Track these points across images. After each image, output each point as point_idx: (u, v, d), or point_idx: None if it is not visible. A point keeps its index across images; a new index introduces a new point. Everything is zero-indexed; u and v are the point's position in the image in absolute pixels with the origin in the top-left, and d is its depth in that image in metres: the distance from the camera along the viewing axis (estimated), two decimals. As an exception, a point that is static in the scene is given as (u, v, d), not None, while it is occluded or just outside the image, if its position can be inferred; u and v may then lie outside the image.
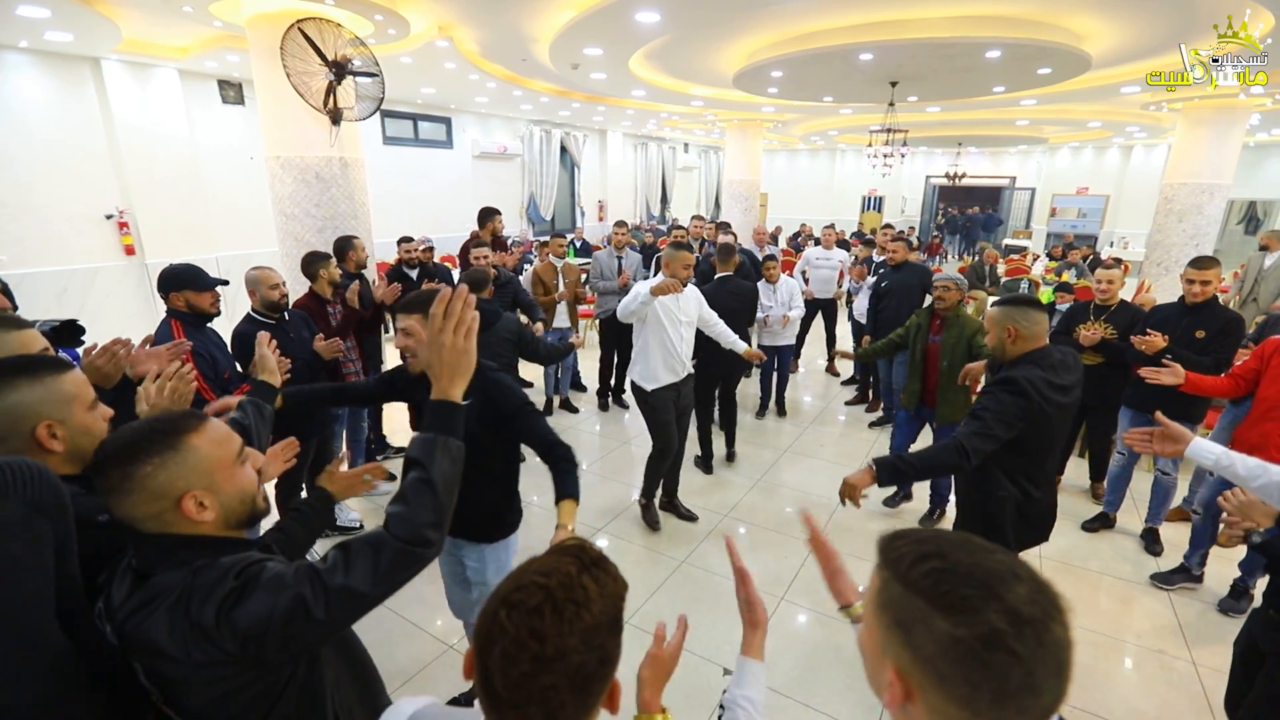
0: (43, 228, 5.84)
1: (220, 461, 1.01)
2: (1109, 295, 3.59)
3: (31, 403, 1.10)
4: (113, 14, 4.67)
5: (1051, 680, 0.55)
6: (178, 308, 2.57)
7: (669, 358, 3.41)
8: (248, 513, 1.05)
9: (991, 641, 0.54)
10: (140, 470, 0.93)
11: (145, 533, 0.96)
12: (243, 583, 0.92)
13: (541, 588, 0.68)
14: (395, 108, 9.01)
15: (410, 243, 4.92)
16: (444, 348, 1.06)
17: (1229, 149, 7.48)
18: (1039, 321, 2.05)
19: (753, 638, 1.09)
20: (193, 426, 1.00)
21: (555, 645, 0.65)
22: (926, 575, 0.58)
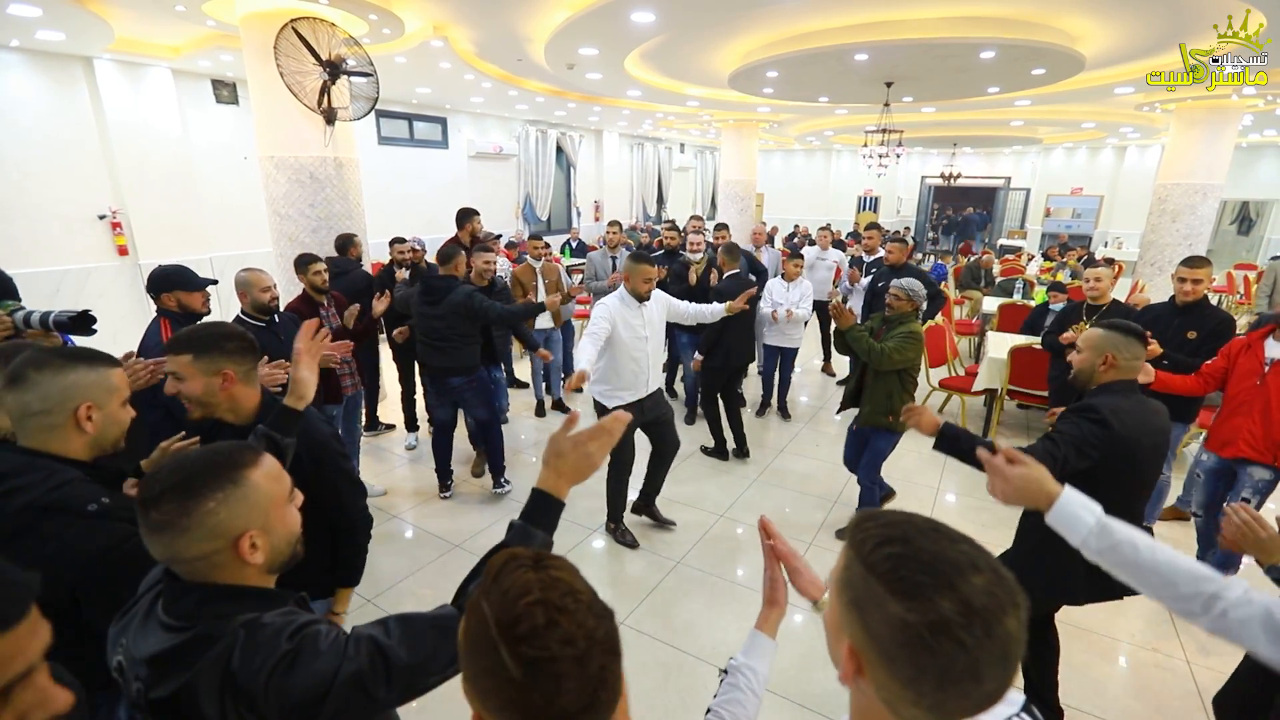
0: (35, 228, 5.80)
1: (276, 499, 0.96)
2: (1099, 294, 3.61)
3: (84, 385, 1.26)
4: (105, 13, 4.64)
5: (996, 670, 0.56)
6: (169, 308, 2.57)
7: (634, 375, 3.27)
8: (290, 555, 0.99)
9: (940, 629, 0.55)
10: (202, 507, 0.87)
11: (183, 580, 0.90)
12: (297, 646, 0.87)
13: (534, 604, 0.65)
14: (390, 107, 8.98)
15: (402, 243, 4.87)
16: (581, 454, 1.07)
17: (1222, 149, 7.53)
18: (1139, 356, 1.92)
19: (769, 614, 1.08)
20: (251, 460, 0.95)
21: (585, 634, 0.64)
22: (886, 559, 0.59)
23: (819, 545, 3.50)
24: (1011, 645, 0.56)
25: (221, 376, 1.55)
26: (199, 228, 6.89)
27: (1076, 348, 1.99)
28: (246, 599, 0.93)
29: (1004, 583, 0.58)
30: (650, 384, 3.36)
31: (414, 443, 4.75)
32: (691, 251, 4.97)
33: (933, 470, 4.36)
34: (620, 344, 3.19)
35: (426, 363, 3.74)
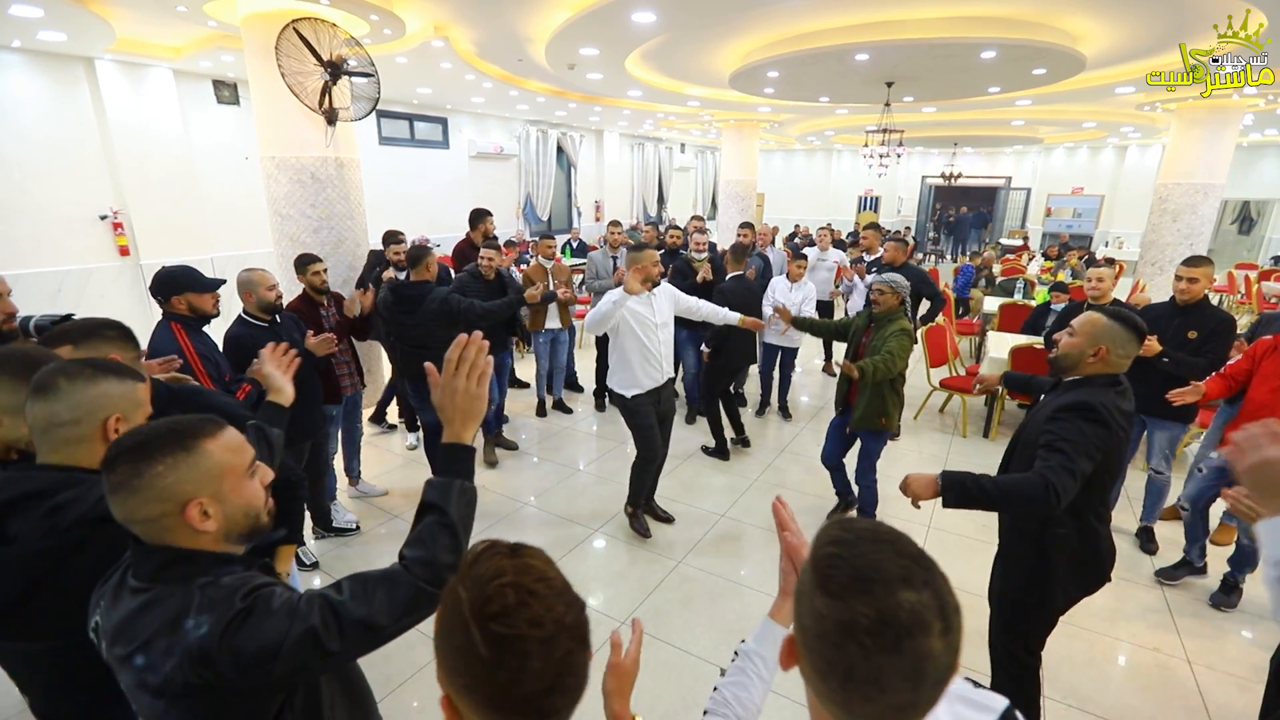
0: (36, 228, 5.81)
1: (231, 470, 0.99)
2: (1101, 294, 3.61)
3: (114, 396, 1.25)
4: (106, 14, 4.65)
5: (903, 684, 0.57)
6: (179, 311, 2.49)
7: (647, 363, 3.31)
8: (249, 527, 1.03)
9: (847, 630, 0.58)
10: (151, 469, 0.92)
11: (145, 543, 0.95)
12: (249, 605, 0.91)
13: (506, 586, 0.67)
14: (391, 108, 8.99)
15: (399, 244, 4.82)
16: (457, 392, 1.09)
17: (1222, 149, 7.52)
18: (1132, 355, 1.83)
19: (783, 604, 1.08)
20: (209, 431, 0.99)
21: (554, 619, 0.66)
22: (825, 557, 0.63)
23: (820, 545, 3.50)
24: (926, 664, 0.57)
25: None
26: (200, 228, 6.89)
27: (1070, 328, 1.88)
28: (204, 562, 0.96)
29: (937, 605, 0.58)
30: (665, 372, 3.40)
31: (414, 443, 4.76)
32: (696, 251, 4.98)
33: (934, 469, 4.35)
34: (631, 334, 3.23)
35: (407, 369, 3.75)
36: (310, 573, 3.29)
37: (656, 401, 3.42)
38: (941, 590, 0.60)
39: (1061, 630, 2.86)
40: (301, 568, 3.29)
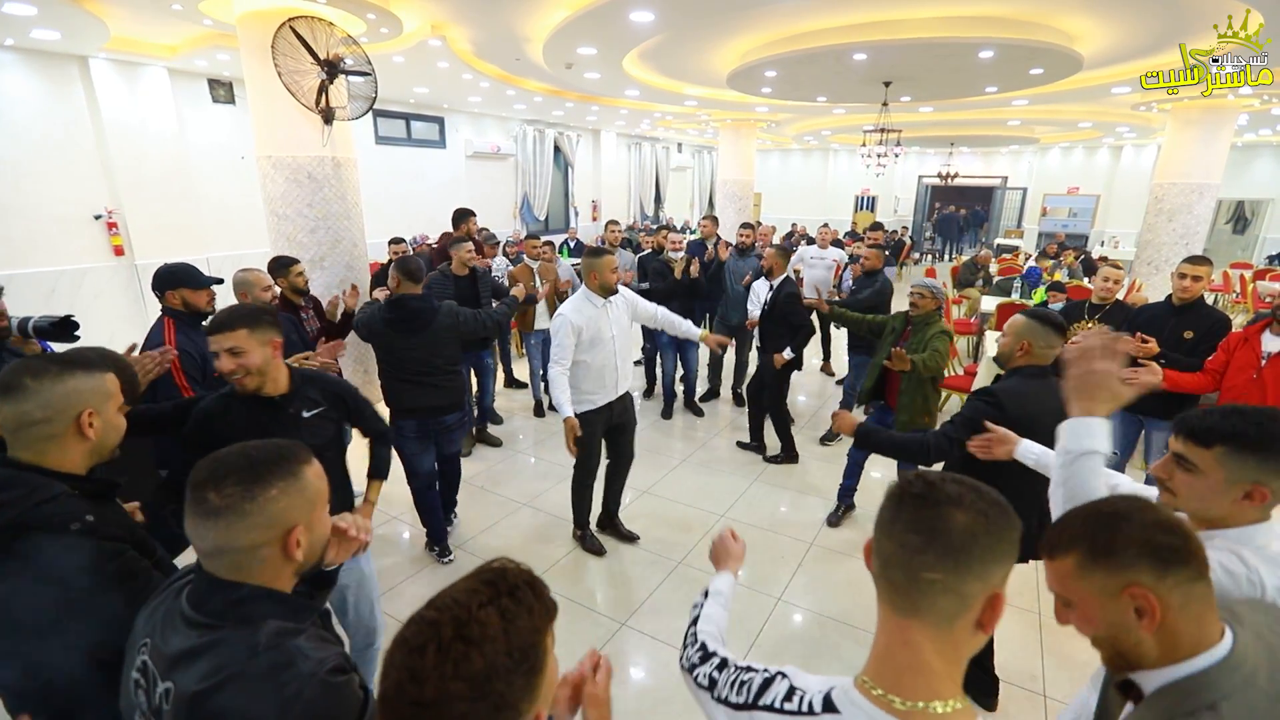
0: (30, 228, 5.77)
1: (322, 497, 0.99)
2: (1110, 294, 3.62)
3: (84, 391, 1.22)
4: (101, 12, 4.62)
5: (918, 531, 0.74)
6: (174, 306, 2.54)
7: (601, 379, 3.07)
8: (319, 557, 1.01)
9: (892, 490, 0.80)
10: (266, 491, 0.88)
11: (214, 577, 0.89)
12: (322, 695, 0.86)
13: (430, 623, 0.63)
14: (388, 107, 8.96)
15: (401, 243, 4.83)
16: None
17: (1218, 149, 7.55)
18: (1054, 346, 2.10)
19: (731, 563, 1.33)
20: (306, 457, 0.97)
21: (435, 689, 0.59)
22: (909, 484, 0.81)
23: (820, 545, 3.50)
24: (942, 523, 0.72)
25: (272, 346, 1.75)
26: (196, 228, 6.86)
27: (1003, 330, 2.20)
28: (275, 603, 0.92)
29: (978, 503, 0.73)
30: (620, 386, 3.18)
31: None
32: (673, 250, 5.05)
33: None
34: (585, 347, 3.00)
35: (412, 405, 3.03)
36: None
37: (608, 417, 3.18)
38: (991, 507, 0.74)
39: (1061, 631, 2.87)
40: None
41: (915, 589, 0.72)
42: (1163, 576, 0.81)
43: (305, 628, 0.93)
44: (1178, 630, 0.82)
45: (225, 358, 1.69)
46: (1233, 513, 1.12)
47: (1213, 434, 1.11)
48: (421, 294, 3.02)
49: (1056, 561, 0.89)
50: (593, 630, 2.80)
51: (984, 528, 0.71)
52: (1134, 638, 0.84)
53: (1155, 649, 0.84)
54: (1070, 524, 0.89)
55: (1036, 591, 3.10)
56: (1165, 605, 0.81)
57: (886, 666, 0.75)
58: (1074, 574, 0.87)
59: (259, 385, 1.75)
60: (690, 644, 1.05)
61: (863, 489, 3.76)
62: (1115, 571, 0.83)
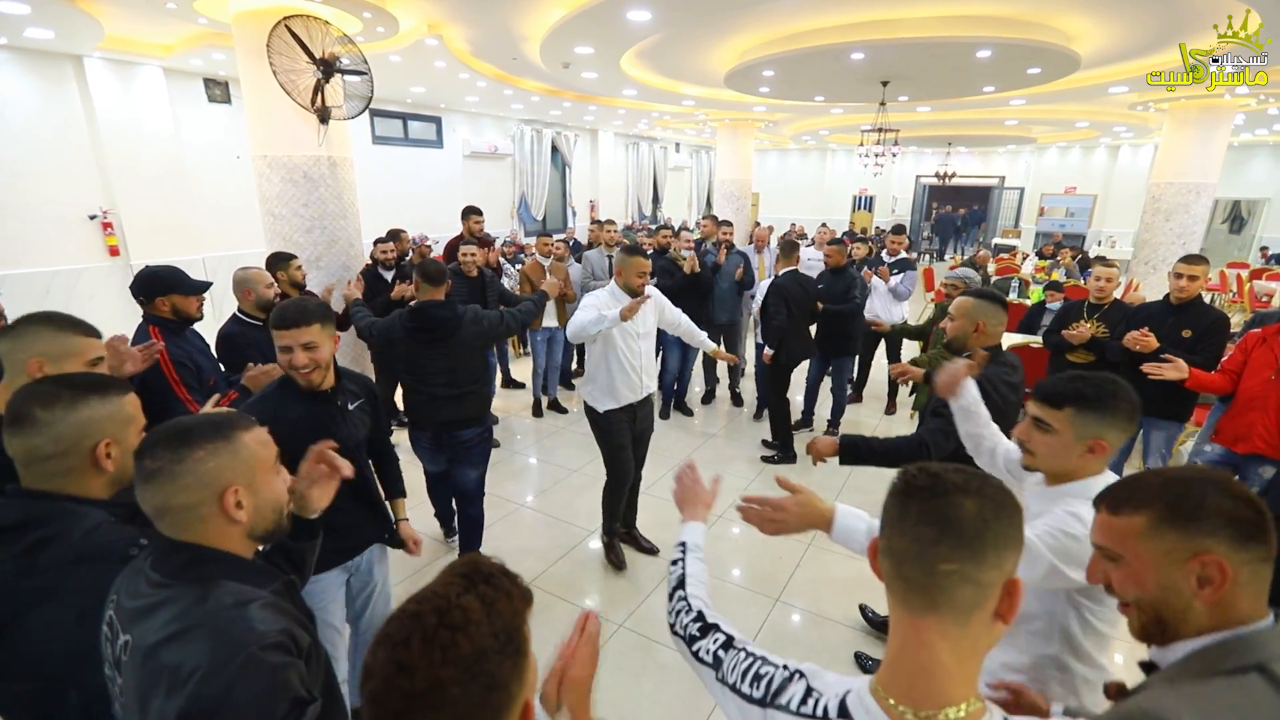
0: (24, 228, 5.74)
1: (263, 463, 1.02)
2: (1106, 293, 3.62)
3: (99, 419, 1.15)
4: (95, 11, 4.59)
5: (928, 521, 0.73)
6: (162, 313, 2.40)
7: (627, 375, 3.03)
8: (274, 524, 1.05)
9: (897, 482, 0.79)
10: (193, 454, 0.93)
11: (171, 539, 0.95)
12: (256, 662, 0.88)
13: (412, 616, 0.62)
14: (384, 107, 8.94)
15: (385, 243, 4.71)
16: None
17: (1215, 149, 7.56)
18: (1003, 322, 2.20)
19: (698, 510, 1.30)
20: (244, 424, 1.02)
21: (426, 678, 0.59)
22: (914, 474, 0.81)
23: (818, 545, 3.49)
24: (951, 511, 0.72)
25: (334, 340, 1.80)
26: (192, 228, 6.83)
27: (949, 314, 2.24)
28: (230, 564, 0.97)
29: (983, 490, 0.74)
30: (645, 387, 3.14)
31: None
32: (685, 248, 5.05)
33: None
34: (612, 344, 2.97)
35: (433, 417, 2.86)
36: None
37: (633, 419, 3.14)
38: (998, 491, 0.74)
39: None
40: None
41: (933, 583, 0.71)
42: (1238, 549, 0.80)
43: (262, 594, 0.96)
44: (1235, 604, 0.82)
45: (300, 352, 1.72)
46: (1079, 466, 1.33)
47: (1063, 397, 1.32)
48: (445, 300, 2.79)
49: (1122, 518, 0.88)
50: (590, 631, 2.79)
51: (994, 513, 0.72)
52: (1184, 602, 0.83)
53: (1205, 618, 0.83)
54: (1147, 483, 0.88)
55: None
56: (1235, 579, 0.80)
57: (900, 672, 0.73)
58: (1141, 533, 0.86)
59: (323, 379, 1.81)
60: (683, 610, 1.02)
61: (854, 488, 3.75)
62: (1191, 537, 0.82)
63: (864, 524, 1.24)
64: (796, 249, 4.58)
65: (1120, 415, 1.29)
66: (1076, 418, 1.30)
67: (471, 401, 2.90)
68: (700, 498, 1.32)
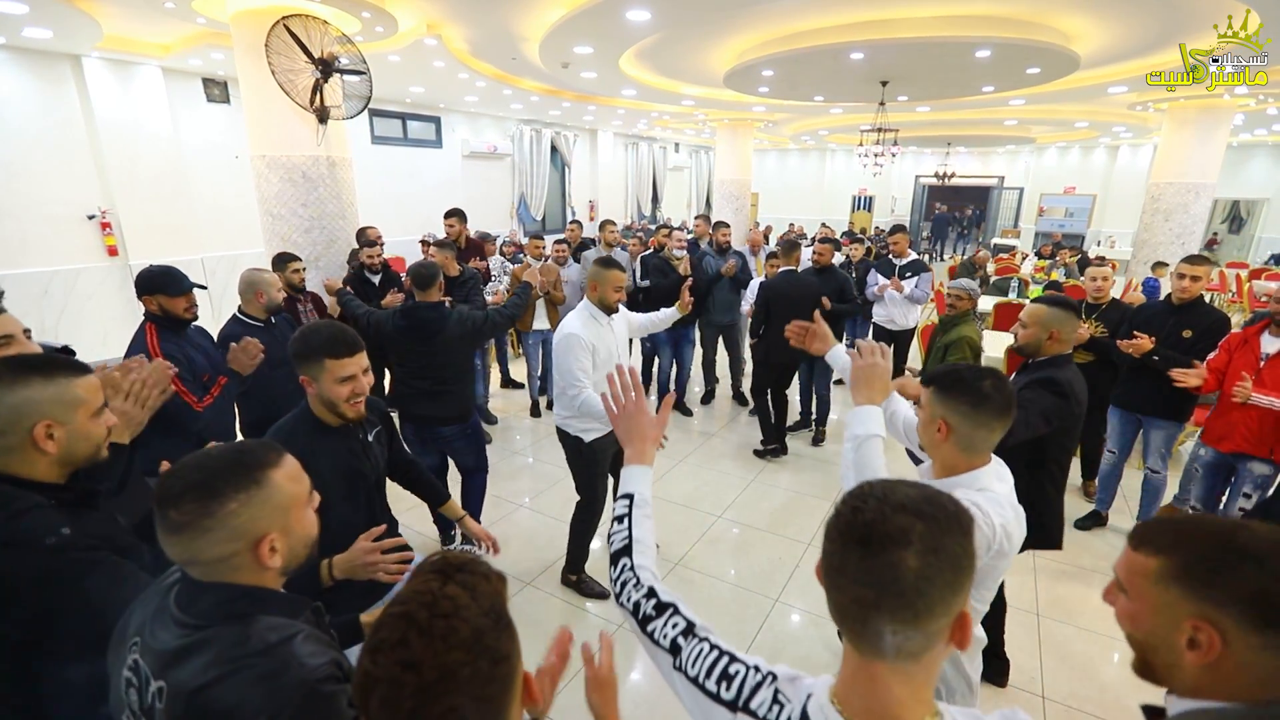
0: (23, 228, 5.73)
1: (297, 501, 0.95)
2: (1101, 294, 3.61)
3: (39, 401, 1.11)
4: (93, 10, 4.59)
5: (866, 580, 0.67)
6: (152, 311, 2.46)
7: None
8: (306, 558, 0.99)
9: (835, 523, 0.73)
10: (224, 508, 0.86)
11: (199, 581, 0.89)
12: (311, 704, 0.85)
13: (401, 617, 0.63)
14: (383, 106, 8.93)
15: (371, 247, 4.57)
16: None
17: (1214, 149, 7.57)
18: (1076, 328, 2.20)
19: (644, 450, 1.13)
20: (274, 460, 0.94)
21: (436, 667, 0.60)
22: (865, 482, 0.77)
23: (818, 545, 3.48)
24: (893, 570, 0.66)
25: None
26: (190, 228, 6.82)
27: (1020, 322, 2.21)
28: (265, 601, 0.91)
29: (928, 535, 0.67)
30: None
31: None
32: (677, 248, 5.03)
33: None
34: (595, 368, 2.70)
35: (413, 411, 3.00)
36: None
37: (615, 443, 2.85)
38: (939, 530, 0.67)
39: (1060, 631, 2.85)
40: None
41: (878, 640, 0.68)
42: (1254, 633, 0.70)
43: (299, 625, 0.92)
44: (1235, 679, 0.72)
45: (363, 378, 1.62)
46: (947, 453, 1.41)
47: (928, 378, 1.47)
48: (435, 302, 2.92)
49: (1139, 555, 0.81)
50: (587, 632, 2.79)
51: (937, 565, 0.65)
52: (1170, 659, 0.76)
53: (1192, 680, 0.75)
54: (1179, 527, 0.80)
55: (1035, 592, 3.09)
56: (1233, 654, 0.71)
57: (854, 695, 0.72)
58: (1149, 575, 0.79)
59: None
60: (630, 582, 0.96)
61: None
62: (1198, 600, 0.74)
63: (878, 430, 1.45)
64: (798, 248, 4.53)
65: (962, 402, 1.36)
66: (933, 396, 1.41)
67: (449, 400, 2.96)
68: (645, 429, 1.13)
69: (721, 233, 5.39)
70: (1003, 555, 1.36)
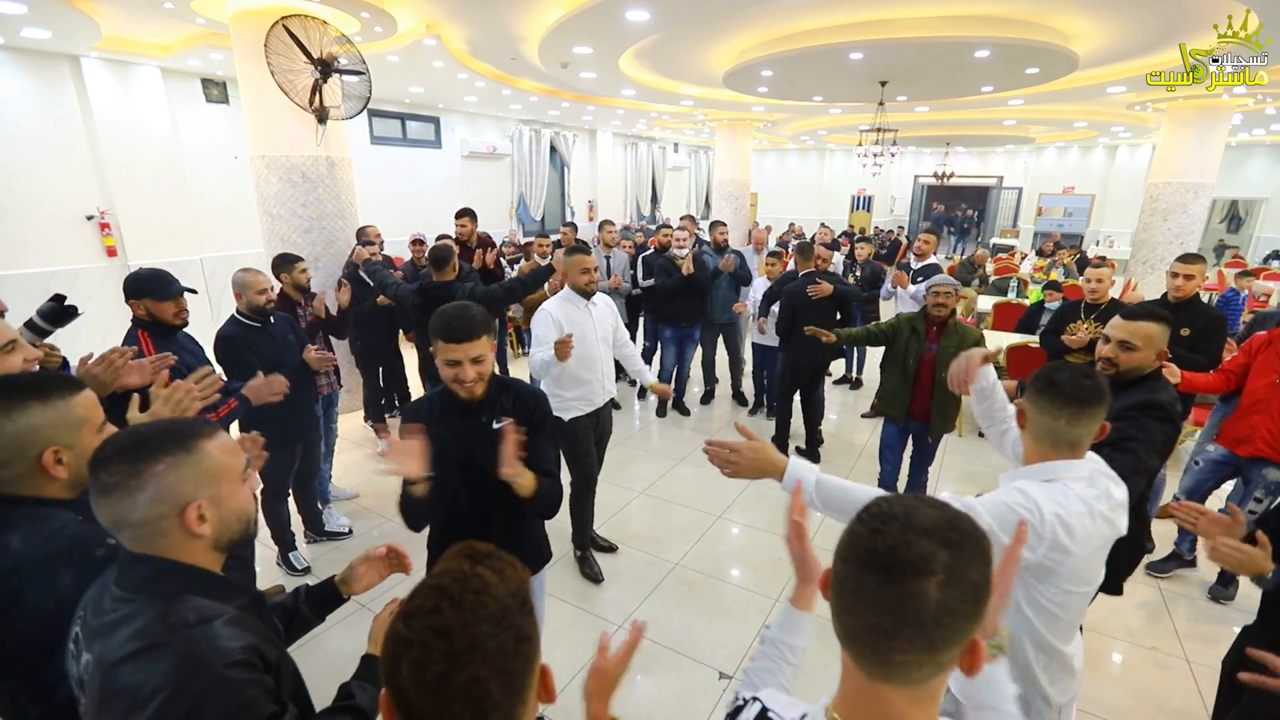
0: (21, 229, 5.71)
1: (228, 472, 0.97)
2: (1099, 294, 3.62)
3: (41, 427, 1.06)
4: (92, 10, 4.58)
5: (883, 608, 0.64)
6: (140, 316, 2.37)
7: (588, 383, 2.99)
8: (241, 533, 1.00)
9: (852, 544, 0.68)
10: (151, 467, 0.88)
11: (133, 553, 0.91)
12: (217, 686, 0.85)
13: (436, 589, 0.67)
14: (382, 107, 8.92)
15: (370, 245, 4.57)
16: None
17: (1212, 149, 7.58)
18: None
19: (804, 590, 1.08)
20: (206, 432, 0.96)
21: (465, 637, 0.63)
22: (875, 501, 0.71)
23: (817, 546, 3.47)
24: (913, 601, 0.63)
25: (493, 345, 1.74)
26: (189, 228, 6.81)
27: (1125, 343, 1.94)
28: (194, 578, 0.93)
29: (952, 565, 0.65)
30: (605, 392, 3.11)
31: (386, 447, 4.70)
32: (678, 247, 5.02)
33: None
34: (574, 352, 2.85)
35: (431, 373, 3.69)
36: (302, 577, 3.24)
37: (595, 423, 3.12)
38: (964, 560, 0.64)
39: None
40: (293, 573, 3.24)
41: (889, 666, 0.66)
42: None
43: (227, 610, 0.92)
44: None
45: (469, 367, 1.63)
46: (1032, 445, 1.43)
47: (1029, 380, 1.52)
48: (449, 281, 3.60)
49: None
50: (589, 632, 2.78)
51: (959, 598, 0.63)
52: None
53: None
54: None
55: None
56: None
57: (857, 713, 0.70)
58: None
59: (481, 391, 1.71)
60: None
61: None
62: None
63: (814, 476, 1.34)
64: (813, 250, 4.60)
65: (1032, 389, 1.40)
66: (1025, 395, 1.42)
67: None
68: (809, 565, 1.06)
69: (719, 231, 5.40)
70: (1063, 550, 1.29)
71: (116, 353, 1.75)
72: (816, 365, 4.47)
